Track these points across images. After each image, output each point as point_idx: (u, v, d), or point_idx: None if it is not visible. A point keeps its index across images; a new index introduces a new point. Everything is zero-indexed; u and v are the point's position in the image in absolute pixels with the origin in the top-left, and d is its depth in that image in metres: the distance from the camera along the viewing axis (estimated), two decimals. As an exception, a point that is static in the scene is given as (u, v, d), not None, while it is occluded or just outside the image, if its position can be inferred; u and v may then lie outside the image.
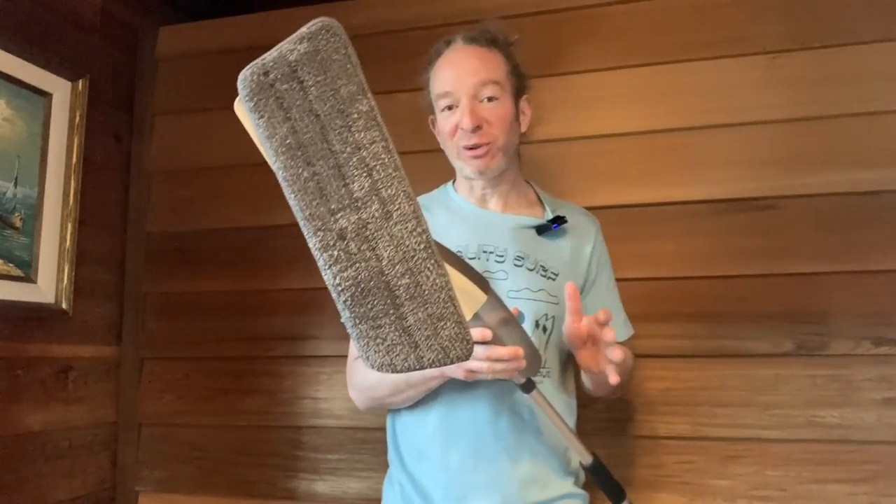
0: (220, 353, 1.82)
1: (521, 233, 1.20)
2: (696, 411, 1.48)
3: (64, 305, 1.67)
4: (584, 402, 1.51)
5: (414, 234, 0.80)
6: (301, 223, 0.79)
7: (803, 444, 1.42)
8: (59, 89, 1.69)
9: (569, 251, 1.22)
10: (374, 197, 0.78)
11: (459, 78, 1.15)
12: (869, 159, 1.45)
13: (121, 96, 1.92)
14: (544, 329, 1.16)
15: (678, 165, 1.55)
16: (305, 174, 0.77)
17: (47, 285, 1.64)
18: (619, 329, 1.24)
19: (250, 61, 0.77)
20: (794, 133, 1.50)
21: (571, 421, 1.21)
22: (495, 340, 0.95)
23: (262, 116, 0.77)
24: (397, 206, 0.79)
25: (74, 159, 1.71)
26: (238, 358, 1.81)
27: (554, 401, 1.10)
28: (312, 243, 0.79)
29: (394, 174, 0.79)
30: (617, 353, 0.99)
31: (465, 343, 0.83)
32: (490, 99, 1.15)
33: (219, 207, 1.86)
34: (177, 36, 1.97)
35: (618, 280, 1.33)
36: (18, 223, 1.59)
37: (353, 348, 1.21)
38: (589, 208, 1.61)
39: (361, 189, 0.78)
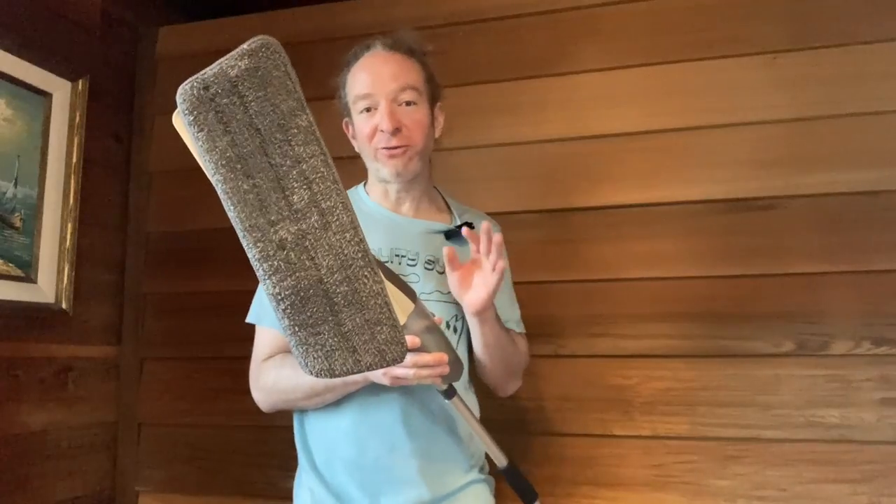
0: (220, 353, 1.81)
1: (432, 237, 1.23)
2: (696, 411, 1.48)
3: (64, 305, 1.67)
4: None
5: (352, 243, 0.83)
6: (240, 235, 0.82)
7: (803, 444, 1.42)
8: (59, 89, 1.69)
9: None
10: (313, 208, 0.81)
11: (379, 81, 1.17)
12: (869, 159, 1.45)
13: (121, 96, 1.92)
14: (455, 329, 1.20)
15: (678, 165, 1.55)
16: (245, 186, 0.80)
17: (47, 285, 1.64)
18: (513, 325, 1.31)
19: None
20: (794, 133, 1.50)
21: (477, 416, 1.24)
22: (421, 348, 0.98)
23: (201, 130, 0.78)
24: (336, 217, 0.82)
25: (74, 159, 1.71)
26: (238, 358, 1.80)
27: (464, 398, 1.14)
28: (252, 254, 0.82)
29: (332, 186, 0.81)
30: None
31: (400, 346, 0.87)
32: (409, 104, 1.18)
33: (219, 207, 1.83)
34: (177, 36, 1.97)
35: (619, 280, 1.34)
36: (18, 223, 1.59)
37: (260, 349, 1.23)
38: (589, 208, 1.61)
39: (301, 201, 0.80)
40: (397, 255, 1.20)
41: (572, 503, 1.53)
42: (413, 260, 1.21)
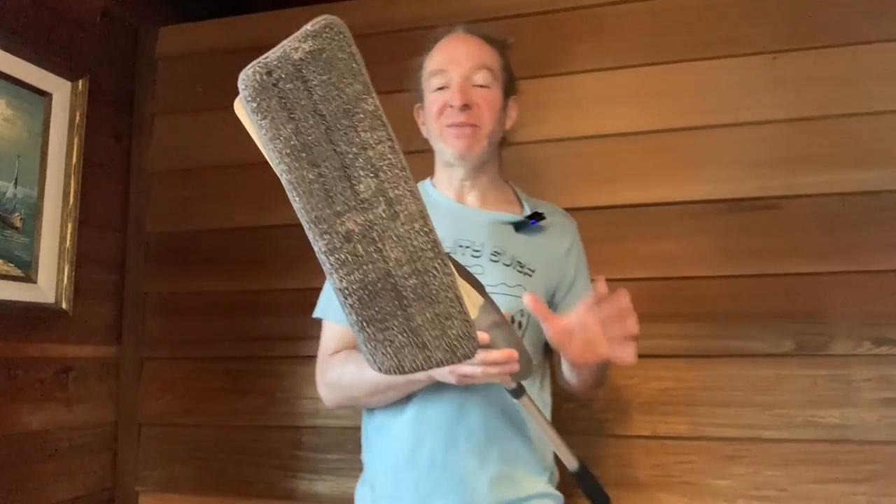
0: (220, 353, 1.82)
1: (499, 228, 1.19)
2: (696, 411, 1.48)
3: (64, 305, 1.67)
4: (584, 401, 1.52)
5: (421, 234, 0.79)
6: (306, 226, 0.78)
7: (803, 444, 1.42)
8: (59, 89, 1.69)
9: (546, 248, 1.21)
10: (380, 198, 0.77)
11: (455, 59, 1.16)
12: (869, 159, 1.45)
13: (121, 96, 1.92)
14: (519, 325, 1.16)
15: (678, 165, 1.55)
16: (311, 176, 0.76)
17: (47, 285, 1.64)
18: None
19: (250, 61, 0.76)
20: (794, 133, 1.50)
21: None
22: (490, 344, 0.93)
23: (265, 117, 0.75)
24: (404, 207, 0.78)
25: (74, 159, 1.71)
26: (238, 358, 1.81)
27: (536, 399, 1.10)
28: (318, 247, 0.78)
29: (400, 174, 0.78)
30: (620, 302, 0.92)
31: (471, 341, 0.83)
32: (482, 86, 1.16)
33: (219, 207, 1.86)
34: (177, 36, 1.97)
35: (618, 280, 1.33)
36: (18, 223, 1.59)
37: (326, 344, 1.20)
38: (589, 208, 1.61)
39: (368, 190, 0.77)
40: (461, 246, 1.16)
41: (572, 503, 1.53)
42: (478, 251, 1.16)
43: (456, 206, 1.21)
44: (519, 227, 1.20)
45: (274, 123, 0.75)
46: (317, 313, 1.25)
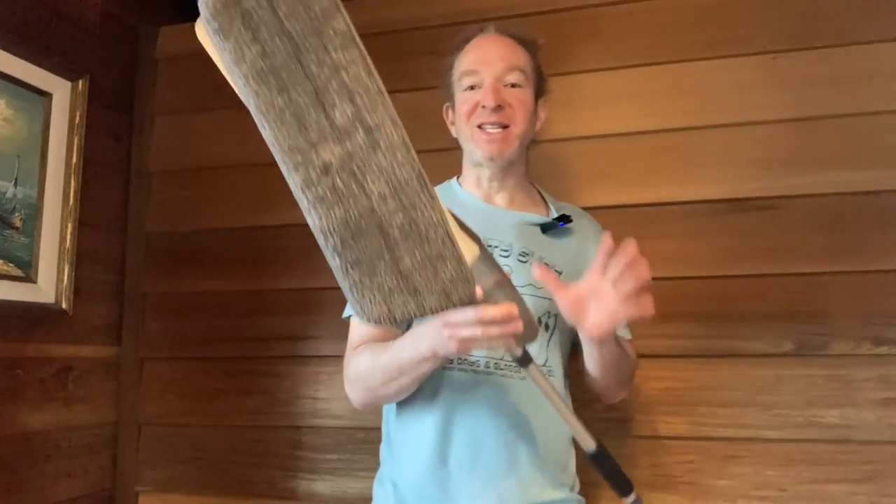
0: (220, 353, 1.82)
1: (527, 229, 1.19)
2: (696, 411, 1.48)
3: (64, 305, 1.67)
4: (585, 402, 1.51)
5: (405, 165, 0.71)
6: (279, 159, 0.71)
7: (803, 444, 1.42)
8: (59, 89, 1.69)
9: (573, 250, 1.22)
10: (357, 125, 0.70)
11: (487, 59, 1.16)
12: (869, 159, 1.45)
13: (121, 96, 1.92)
14: (546, 326, 1.16)
15: (678, 165, 1.55)
16: (280, 102, 0.70)
17: (47, 285, 1.64)
18: (621, 330, 1.22)
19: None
20: (794, 133, 1.50)
21: (566, 432, 1.18)
22: (488, 300, 0.85)
23: (227, 39, 0.69)
24: (384, 135, 0.70)
25: (74, 159, 1.71)
26: (238, 358, 1.81)
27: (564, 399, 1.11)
28: (293, 181, 0.71)
29: (377, 98, 0.70)
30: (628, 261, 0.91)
31: (467, 283, 0.76)
32: (514, 85, 1.16)
33: (219, 207, 1.86)
34: (177, 36, 1.96)
35: (618, 280, 1.33)
36: (18, 223, 1.59)
37: (351, 341, 1.17)
38: (589, 208, 1.61)
39: (343, 116, 0.70)
40: (490, 246, 1.14)
41: None
42: (506, 251, 1.16)
43: (484, 205, 1.21)
44: (546, 228, 1.21)
45: (238, 45, 0.69)
46: (347, 312, 1.21)
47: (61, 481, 1.68)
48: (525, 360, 0.92)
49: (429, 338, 0.95)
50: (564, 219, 1.21)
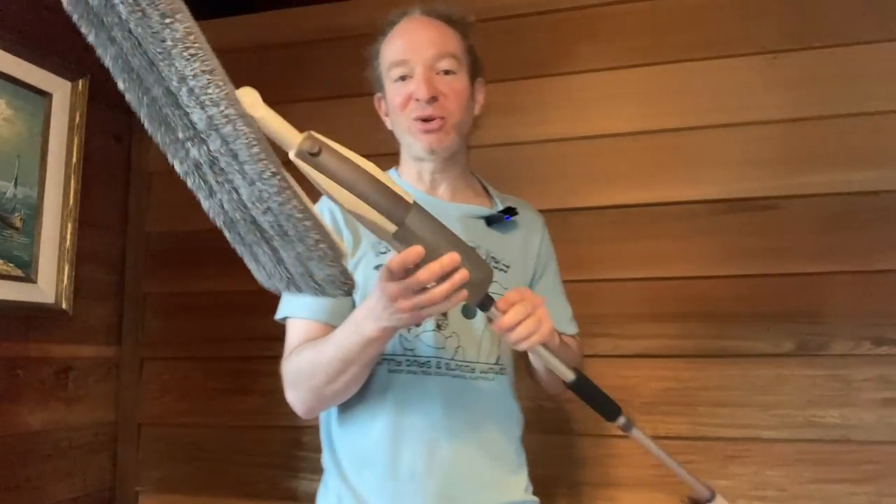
0: (220, 353, 1.82)
1: (471, 223, 1.13)
2: (696, 411, 1.48)
3: (64, 305, 1.67)
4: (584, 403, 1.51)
5: (264, 177, 0.70)
6: (161, 148, 0.73)
7: (803, 444, 1.42)
8: (59, 89, 1.69)
9: (518, 243, 1.17)
10: (213, 132, 0.69)
11: (416, 47, 1.08)
12: (869, 159, 1.45)
13: (121, 96, 1.90)
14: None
15: (678, 165, 1.55)
16: (146, 99, 0.70)
17: (47, 285, 1.64)
18: (564, 325, 1.21)
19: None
20: (794, 133, 1.50)
21: (518, 431, 1.15)
22: (428, 257, 0.80)
23: (89, 32, 0.70)
24: (240, 147, 0.69)
25: (74, 159, 1.71)
26: (238, 358, 1.81)
27: (506, 400, 1.09)
28: (177, 169, 0.73)
29: (226, 111, 0.68)
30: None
31: (343, 283, 0.76)
32: (447, 72, 1.09)
33: (219, 207, 1.86)
34: (177, 36, 1.96)
35: (619, 280, 1.33)
36: (18, 223, 1.59)
37: (289, 345, 1.10)
38: (589, 208, 1.61)
39: (201, 121, 0.69)
40: None
41: (572, 503, 1.53)
42: None
43: (426, 198, 1.13)
44: (490, 221, 1.15)
45: (99, 39, 0.70)
46: (279, 314, 1.14)
47: (61, 481, 1.68)
48: (486, 304, 0.88)
49: (374, 316, 0.88)
50: (510, 212, 1.16)
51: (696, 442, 1.48)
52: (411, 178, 1.17)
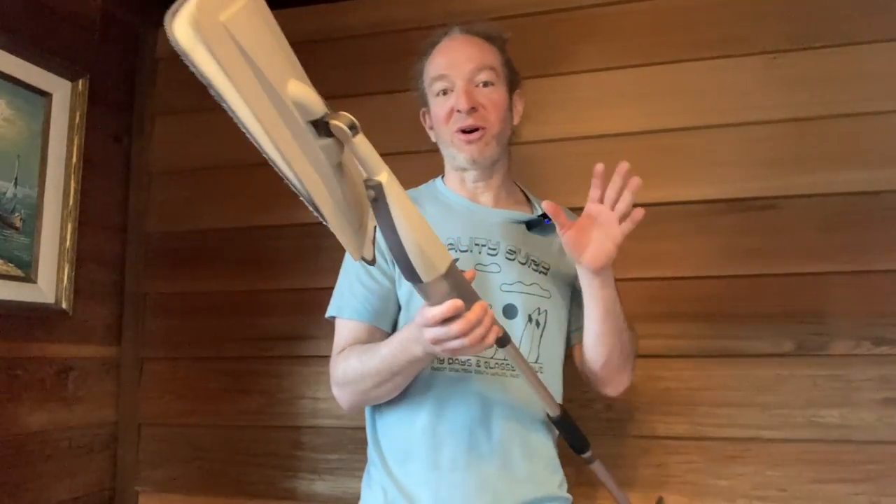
0: (220, 353, 1.82)
1: (512, 227, 1.20)
2: (696, 411, 1.48)
3: (64, 305, 1.67)
4: (584, 402, 1.52)
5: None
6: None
7: (803, 444, 1.42)
8: (59, 89, 1.69)
9: (558, 247, 1.21)
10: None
11: (456, 62, 1.16)
12: (869, 159, 1.45)
13: (121, 96, 1.92)
14: (537, 324, 1.15)
15: (678, 165, 1.55)
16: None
17: (47, 285, 1.64)
18: None
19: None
20: (794, 133, 1.50)
21: (555, 429, 1.18)
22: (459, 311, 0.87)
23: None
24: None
25: (74, 159, 1.71)
26: (238, 358, 1.81)
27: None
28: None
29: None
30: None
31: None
32: (486, 84, 1.16)
33: (219, 207, 1.86)
34: (177, 36, 1.96)
35: (619, 280, 1.32)
36: (18, 223, 1.59)
37: (338, 343, 1.16)
38: (589, 208, 1.61)
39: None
40: (477, 245, 1.16)
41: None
42: (494, 249, 1.17)
43: (471, 205, 1.22)
44: (531, 225, 1.22)
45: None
46: (330, 312, 1.20)
47: (61, 481, 1.68)
48: (503, 341, 0.95)
49: (422, 343, 0.94)
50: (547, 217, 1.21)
51: (696, 442, 1.48)
52: (455, 186, 1.24)
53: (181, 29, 0.58)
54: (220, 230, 1.86)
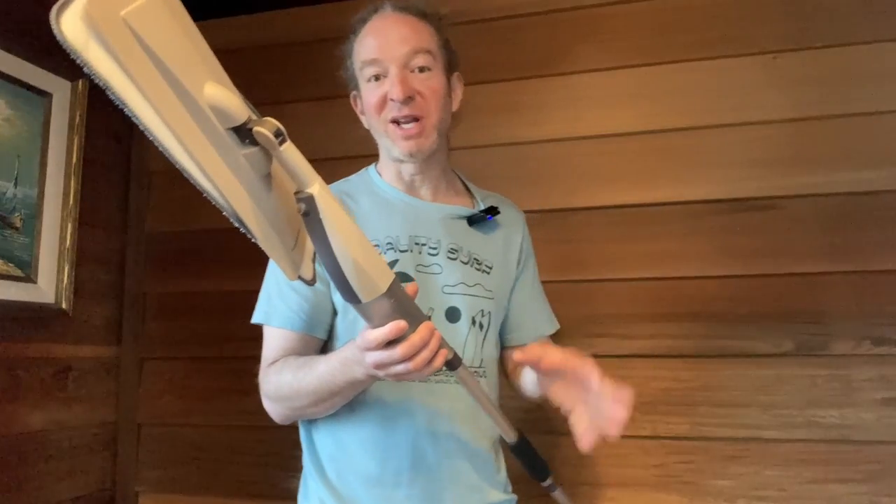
0: (220, 353, 1.81)
1: (453, 223, 1.12)
2: (696, 411, 1.48)
3: (64, 305, 1.67)
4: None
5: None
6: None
7: (803, 444, 1.42)
8: (59, 89, 1.69)
9: (500, 243, 1.16)
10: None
11: (388, 45, 1.04)
12: (869, 159, 1.45)
13: (121, 96, 1.91)
14: (480, 326, 1.09)
15: (678, 165, 1.55)
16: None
17: (47, 285, 1.64)
18: (544, 324, 1.21)
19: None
20: (794, 133, 1.50)
21: (497, 432, 1.11)
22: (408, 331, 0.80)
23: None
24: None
25: (74, 159, 1.71)
26: (238, 358, 1.81)
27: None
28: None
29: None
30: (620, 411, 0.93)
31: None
32: (422, 69, 1.05)
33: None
34: (177, 36, 1.96)
35: (619, 280, 1.33)
36: (18, 223, 1.59)
37: (267, 353, 1.08)
38: (589, 208, 1.61)
39: None
40: (417, 244, 1.08)
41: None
42: (434, 248, 1.09)
43: (409, 199, 1.12)
44: (472, 221, 1.13)
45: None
46: (256, 318, 1.10)
47: (61, 481, 1.68)
48: (454, 364, 0.88)
49: (363, 366, 0.87)
50: (492, 211, 1.14)
51: (696, 442, 1.48)
52: (390, 176, 1.14)
53: (70, 23, 0.52)
54: (220, 230, 1.84)
